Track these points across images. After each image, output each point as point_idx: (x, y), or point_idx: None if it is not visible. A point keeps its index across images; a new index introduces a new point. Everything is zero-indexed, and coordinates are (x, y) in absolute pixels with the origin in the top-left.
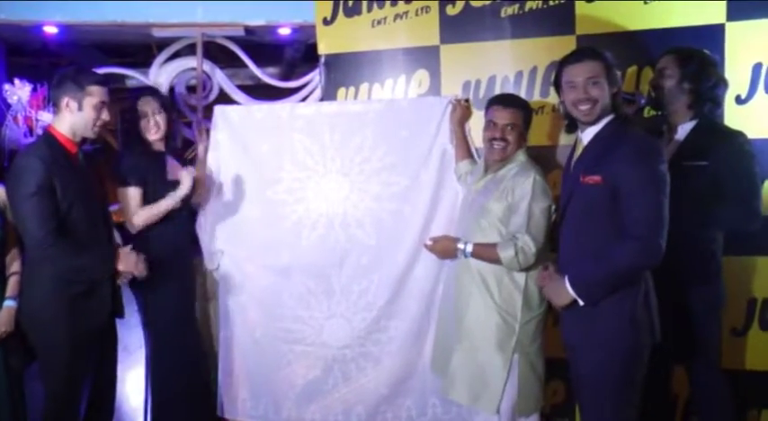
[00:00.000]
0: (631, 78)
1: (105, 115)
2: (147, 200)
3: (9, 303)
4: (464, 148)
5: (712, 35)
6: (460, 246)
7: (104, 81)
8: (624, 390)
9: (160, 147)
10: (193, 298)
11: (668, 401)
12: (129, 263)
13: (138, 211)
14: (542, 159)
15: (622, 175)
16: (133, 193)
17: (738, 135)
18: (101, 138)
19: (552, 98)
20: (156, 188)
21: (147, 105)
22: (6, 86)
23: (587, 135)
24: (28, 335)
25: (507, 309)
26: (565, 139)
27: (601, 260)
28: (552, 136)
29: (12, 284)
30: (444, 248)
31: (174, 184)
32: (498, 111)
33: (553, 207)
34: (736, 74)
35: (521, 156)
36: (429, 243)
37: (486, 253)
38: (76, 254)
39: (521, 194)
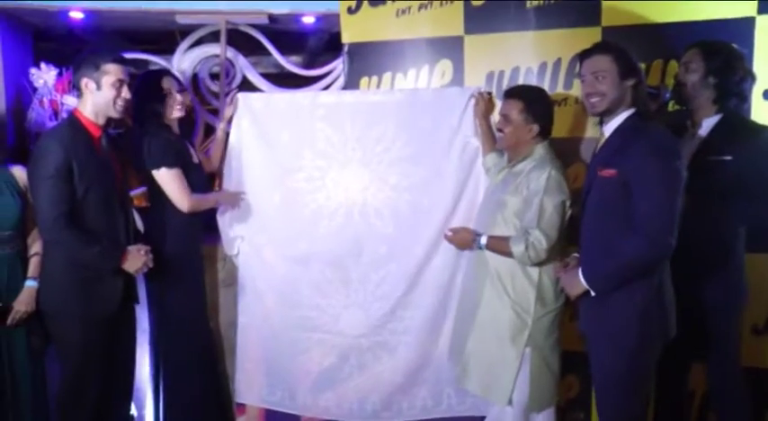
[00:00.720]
0: (656, 72)
1: (125, 93)
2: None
3: (30, 283)
4: (489, 142)
5: (742, 29)
6: (476, 239)
7: (121, 59)
8: (631, 381)
9: (177, 131)
10: (204, 287)
11: (684, 397)
12: (135, 263)
13: (192, 195)
14: (565, 151)
15: (635, 170)
16: (178, 174)
17: (764, 130)
18: (123, 122)
19: (575, 90)
20: (186, 170)
21: (168, 83)
22: (33, 70)
23: (609, 128)
24: (44, 317)
25: (520, 303)
26: (590, 132)
27: (611, 253)
28: (575, 128)
29: (33, 265)
30: (462, 239)
31: (199, 167)
32: (501, 103)
33: (568, 202)
34: (765, 68)
35: (540, 150)
36: (449, 234)
37: (499, 246)
38: (84, 245)
39: (535, 189)
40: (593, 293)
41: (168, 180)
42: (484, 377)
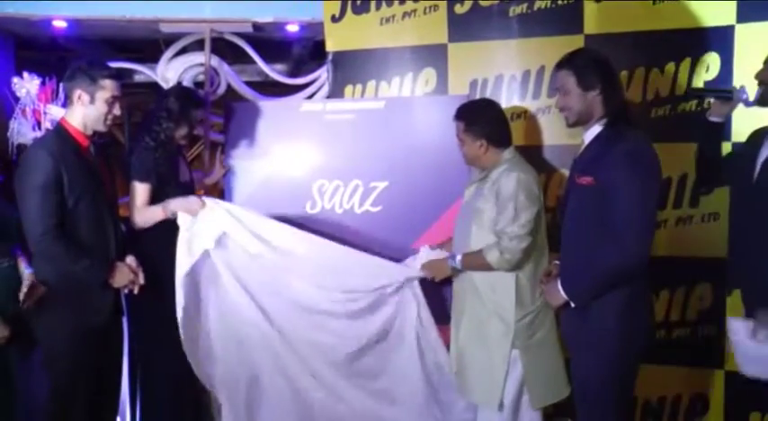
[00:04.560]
0: (639, 79)
1: (117, 110)
2: (159, 199)
3: (29, 271)
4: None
5: (722, 37)
6: (450, 262)
7: (117, 75)
8: (613, 390)
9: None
10: None
11: None
12: (121, 279)
13: (142, 210)
14: (549, 159)
15: (609, 178)
16: (140, 189)
17: None
18: (108, 132)
19: None
20: (168, 189)
21: (198, 115)
22: (15, 80)
23: (588, 136)
24: (31, 328)
25: (501, 307)
26: (574, 139)
27: (588, 262)
28: (559, 136)
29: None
30: (436, 268)
31: (185, 186)
32: None
33: (540, 205)
34: (745, 76)
35: (506, 155)
36: (423, 272)
37: (474, 261)
38: (72, 258)
39: (506, 194)
40: (572, 305)
41: (133, 193)
42: (474, 382)
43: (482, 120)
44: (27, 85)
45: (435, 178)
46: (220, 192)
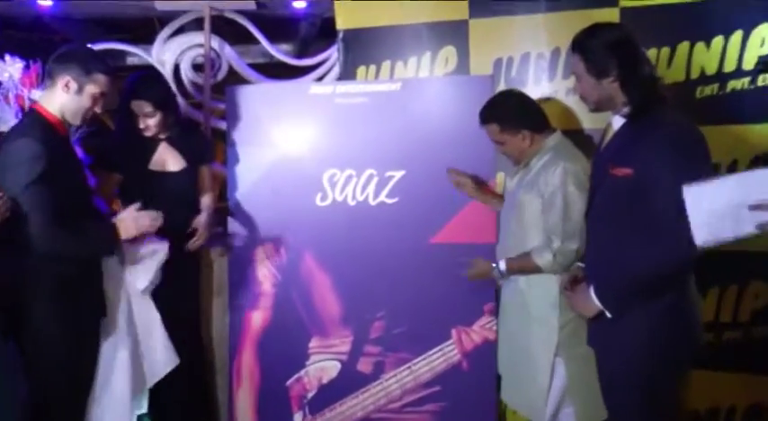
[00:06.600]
0: (683, 56)
1: (98, 107)
2: (127, 186)
3: None
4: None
5: None
6: (495, 270)
7: (111, 70)
8: (650, 412)
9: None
10: (190, 294)
11: None
12: (128, 228)
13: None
14: (580, 144)
15: (653, 168)
16: (106, 177)
17: None
18: (98, 119)
19: None
20: (134, 178)
21: (138, 108)
22: None
23: (616, 123)
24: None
25: (543, 315)
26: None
27: (625, 265)
28: (591, 119)
29: None
30: (481, 272)
31: (154, 176)
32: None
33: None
34: None
35: (550, 142)
36: (467, 271)
37: (521, 264)
38: (79, 238)
39: (552, 189)
40: (608, 315)
41: (102, 180)
42: (519, 391)
43: (513, 111)
44: (9, 69)
45: (457, 166)
46: (222, 184)
